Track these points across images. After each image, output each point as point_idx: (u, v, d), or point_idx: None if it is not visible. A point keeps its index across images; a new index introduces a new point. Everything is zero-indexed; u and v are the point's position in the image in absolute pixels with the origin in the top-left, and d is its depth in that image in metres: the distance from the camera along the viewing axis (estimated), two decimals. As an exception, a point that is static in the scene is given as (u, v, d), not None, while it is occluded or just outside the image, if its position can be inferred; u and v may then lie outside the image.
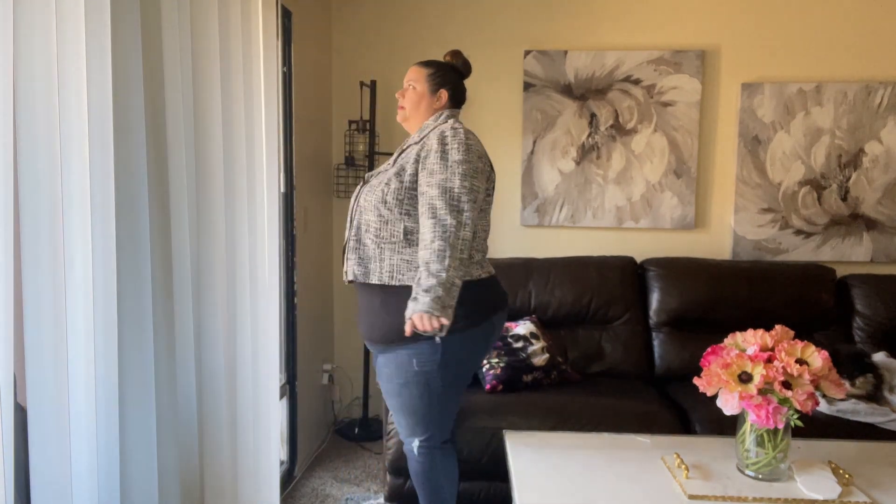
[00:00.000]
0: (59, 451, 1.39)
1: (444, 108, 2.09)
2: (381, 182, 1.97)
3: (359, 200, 2.03)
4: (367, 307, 2.00)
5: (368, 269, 1.97)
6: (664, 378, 3.03)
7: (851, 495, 1.63)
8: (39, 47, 1.33)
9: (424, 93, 2.07)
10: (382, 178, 1.98)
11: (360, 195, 2.03)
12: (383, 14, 3.44)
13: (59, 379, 1.38)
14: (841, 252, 3.34)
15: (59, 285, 1.38)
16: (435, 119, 2.06)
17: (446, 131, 1.93)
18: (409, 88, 2.09)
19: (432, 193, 1.85)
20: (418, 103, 2.08)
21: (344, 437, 3.43)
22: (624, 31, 3.34)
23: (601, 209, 3.40)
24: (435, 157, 1.88)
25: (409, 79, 2.10)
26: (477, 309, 1.95)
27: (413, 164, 1.93)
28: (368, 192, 1.99)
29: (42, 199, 1.34)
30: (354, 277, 2.00)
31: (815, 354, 1.66)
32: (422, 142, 1.96)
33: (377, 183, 1.99)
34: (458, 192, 1.84)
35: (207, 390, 1.97)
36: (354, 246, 2.00)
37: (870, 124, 3.27)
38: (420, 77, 2.08)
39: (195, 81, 1.87)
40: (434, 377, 1.94)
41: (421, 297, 1.75)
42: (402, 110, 2.10)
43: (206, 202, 1.95)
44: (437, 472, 2.08)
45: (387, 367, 2.00)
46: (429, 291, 1.74)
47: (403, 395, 1.98)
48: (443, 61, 2.14)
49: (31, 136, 1.32)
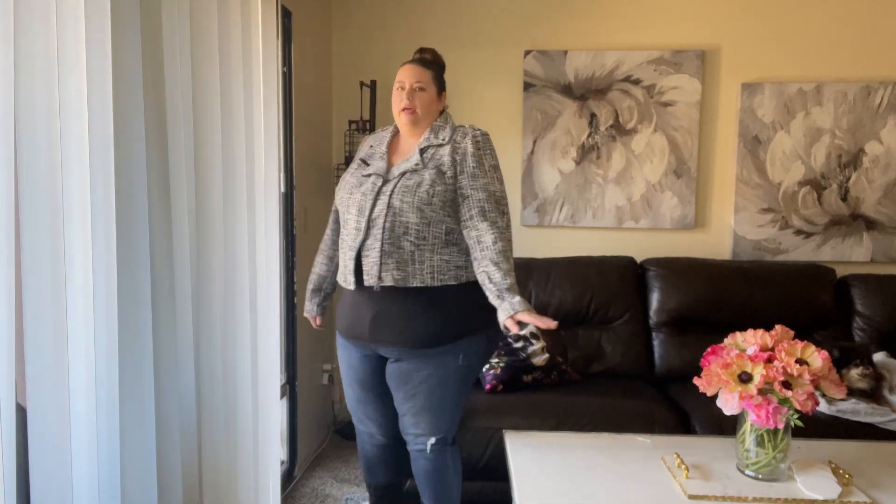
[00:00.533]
0: (59, 450, 1.39)
1: (444, 108, 2.12)
2: (419, 183, 1.92)
3: (390, 202, 1.92)
4: (401, 312, 1.95)
5: (407, 273, 1.91)
6: (664, 378, 3.03)
7: (851, 495, 1.63)
8: (40, 47, 1.33)
9: (434, 95, 2.05)
10: (417, 179, 1.93)
11: (393, 196, 1.93)
12: (383, 14, 3.44)
13: (59, 378, 1.38)
14: (841, 252, 3.34)
15: (59, 285, 1.38)
16: (444, 119, 2.07)
17: (477, 136, 2.00)
18: (417, 90, 2.01)
19: (479, 196, 1.94)
20: (430, 105, 2.04)
21: (344, 437, 3.43)
22: (624, 31, 3.34)
23: (601, 209, 3.40)
24: (473, 160, 1.96)
25: (416, 80, 2.01)
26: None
27: (451, 167, 1.96)
28: (405, 193, 1.92)
29: (42, 200, 1.34)
30: (394, 283, 1.91)
31: (815, 354, 1.66)
32: (451, 144, 1.99)
33: (413, 184, 1.92)
34: (499, 195, 1.97)
35: (207, 390, 1.97)
36: (389, 250, 1.91)
37: (870, 124, 3.27)
38: (428, 79, 2.03)
39: (195, 81, 1.87)
40: (474, 372, 2.05)
41: (508, 297, 1.83)
42: (413, 113, 2.01)
43: (205, 202, 1.95)
44: (449, 469, 2.10)
45: (422, 370, 1.98)
46: (511, 290, 1.83)
47: (436, 393, 2.00)
48: (434, 60, 2.11)
49: (32, 137, 1.32)
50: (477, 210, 1.93)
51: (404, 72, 2.04)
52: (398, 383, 2.04)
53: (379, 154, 2.08)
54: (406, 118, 2.02)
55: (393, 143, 2.11)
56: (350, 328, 2.06)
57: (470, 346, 2.00)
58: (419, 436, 2.07)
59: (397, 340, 1.97)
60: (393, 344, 1.98)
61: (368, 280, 1.93)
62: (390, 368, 2.05)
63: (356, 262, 1.95)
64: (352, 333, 2.07)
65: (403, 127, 2.06)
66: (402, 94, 2.02)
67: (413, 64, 2.05)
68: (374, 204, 1.94)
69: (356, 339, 2.07)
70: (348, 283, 1.99)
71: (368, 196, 1.96)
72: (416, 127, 2.04)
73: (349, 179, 2.07)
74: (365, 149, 2.14)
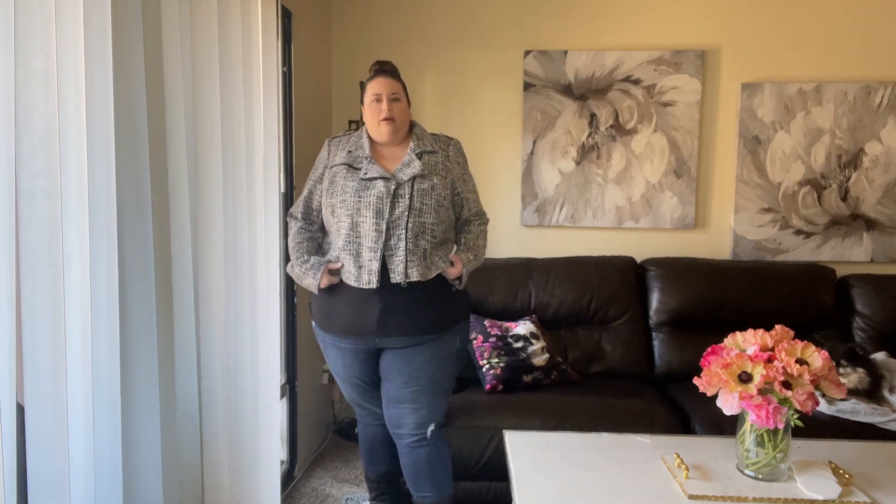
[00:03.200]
0: (57, 449, 1.39)
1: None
2: (432, 186, 2.09)
3: (412, 204, 2.05)
4: (409, 303, 2.08)
5: (427, 268, 2.08)
6: (664, 378, 3.03)
7: (851, 495, 1.63)
8: (40, 47, 1.33)
9: (406, 105, 2.18)
10: (430, 183, 2.09)
11: (413, 199, 2.05)
12: (383, 14, 3.44)
13: (58, 377, 1.38)
14: (841, 252, 3.34)
15: (58, 284, 1.38)
16: (418, 127, 2.22)
17: (458, 144, 2.27)
18: (393, 100, 2.12)
19: (472, 198, 2.25)
20: (405, 114, 2.17)
21: (344, 437, 3.43)
22: (624, 31, 3.34)
23: (601, 209, 3.40)
24: (460, 167, 2.23)
25: (392, 91, 2.13)
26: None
27: (446, 172, 2.17)
28: (424, 196, 2.07)
29: (42, 200, 1.34)
30: (420, 278, 2.05)
31: (815, 354, 1.66)
32: (439, 150, 2.19)
33: (428, 188, 2.08)
34: (477, 192, 2.30)
35: (208, 390, 1.97)
36: (413, 248, 2.05)
37: (870, 124, 3.27)
38: (400, 89, 2.16)
39: (195, 81, 1.87)
40: (463, 353, 2.26)
41: (469, 266, 2.19)
42: (393, 123, 2.11)
43: (206, 202, 1.95)
44: (446, 452, 2.26)
45: (420, 357, 2.13)
46: (467, 266, 2.18)
47: (437, 376, 2.16)
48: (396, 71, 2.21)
49: (32, 137, 1.32)
50: (474, 211, 2.25)
51: (379, 84, 2.13)
52: (400, 367, 2.13)
53: (366, 158, 2.12)
54: (387, 128, 2.12)
55: (373, 150, 2.16)
56: (349, 326, 2.12)
57: (463, 329, 2.25)
58: (421, 425, 2.16)
59: (407, 330, 2.10)
60: (401, 334, 2.10)
61: (395, 277, 2.04)
62: (391, 357, 2.15)
63: (381, 262, 2.04)
64: (352, 331, 2.12)
65: (383, 136, 2.14)
66: (379, 105, 2.12)
67: (385, 77, 2.15)
68: (392, 206, 2.04)
69: (357, 336, 2.13)
70: (370, 283, 2.04)
71: (385, 199, 2.04)
72: (396, 135, 2.15)
73: (347, 184, 2.08)
74: (342, 154, 2.17)
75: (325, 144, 2.25)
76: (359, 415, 2.41)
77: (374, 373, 2.23)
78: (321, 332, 2.22)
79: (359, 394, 2.31)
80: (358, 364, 2.21)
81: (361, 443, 2.46)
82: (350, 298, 2.09)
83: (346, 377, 2.26)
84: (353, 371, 2.23)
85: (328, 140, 2.26)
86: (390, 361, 2.15)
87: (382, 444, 2.38)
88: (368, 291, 2.05)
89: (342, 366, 2.23)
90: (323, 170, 2.19)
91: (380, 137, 2.15)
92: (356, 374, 2.23)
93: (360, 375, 2.24)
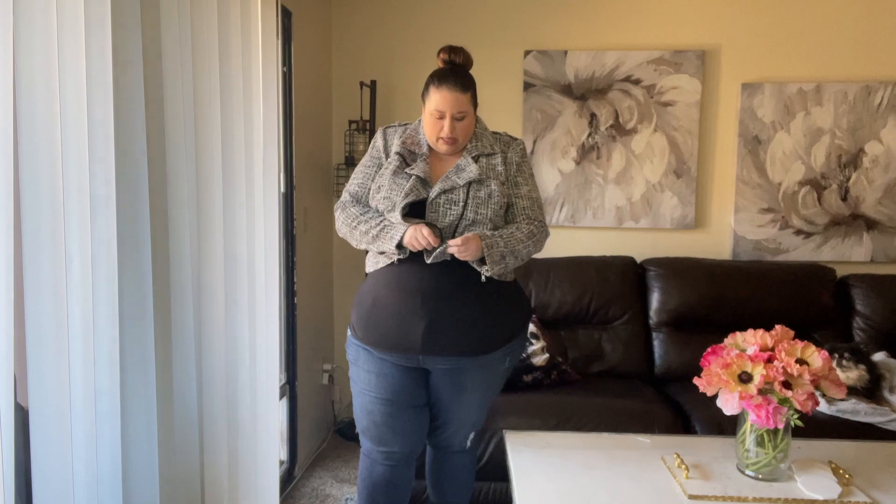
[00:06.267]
0: (61, 451, 1.39)
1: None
2: (489, 194, 1.87)
3: (464, 213, 1.85)
4: (458, 319, 1.87)
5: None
6: (664, 378, 3.03)
7: (851, 495, 1.63)
8: (40, 46, 1.33)
9: (473, 117, 1.93)
10: (487, 191, 1.88)
11: (467, 208, 1.85)
12: (383, 14, 3.44)
13: (61, 379, 1.38)
14: (841, 252, 3.34)
15: (60, 285, 1.38)
16: (480, 125, 1.99)
17: (521, 145, 2.02)
18: (456, 118, 1.86)
19: (524, 204, 1.97)
20: (469, 129, 1.92)
21: (344, 437, 3.43)
22: (624, 31, 3.34)
23: (601, 209, 3.40)
24: (520, 170, 1.99)
25: (459, 110, 1.85)
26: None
27: (504, 176, 1.95)
28: (479, 205, 1.86)
29: (43, 200, 1.34)
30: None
31: (815, 354, 1.66)
32: (500, 153, 1.97)
33: (485, 196, 1.87)
34: (540, 200, 2.03)
35: (207, 390, 1.97)
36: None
37: (870, 124, 3.27)
38: (467, 103, 1.88)
39: (195, 81, 1.87)
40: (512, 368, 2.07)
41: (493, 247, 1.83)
42: (454, 143, 1.88)
43: (206, 202, 1.95)
44: (475, 458, 2.22)
45: (476, 376, 1.95)
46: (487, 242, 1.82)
47: (487, 396, 2.04)
48: (467, 71, 1.94)
49: (32, 137, 1.32)
50: (525, 215, 1.96)
51: (444, 100, 1.85)
52: (454, 392, 1.97)
53: (420, 156, 1.94)
54: (445, 147, 1.90)
55: (430, 149, 1.98)
56: (390, 340, 1.90)
57: (514, 349, 2.01)
58: (464, 438, 2.11)
59: (454, 350, 1.88)
60: (449, 353, 1.89)
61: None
62: (443, 378, 1.95)
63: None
64: (393, 346, 1.90)
65: (440, 150, 1.94)
66: (440, 122, 1.87)
67: (453, 91, 1.85)
68: (444, 214, 1.86)
69: (401, 353, 1.90)
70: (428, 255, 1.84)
71: (431, 205, 1.86)
72: (456, 149, 1.94)
73: (396, 180, 1.89)
74: (396, 143, 1.96)
75: (381, 133, 2.02)
76: (366, 452, 2.06)
77: (413, 393, 1.97)
78: (364, 342, 1.97)
79: (385, 415, 1.97)
80: (399, 379, 1.95)
81: (363, 485, 2.08)
82: (393, 309, 1.89)
83: (375, 394, 1.98)
84: (392, 386, 1.95)
85: (382, 129, 2.03)
86: (442, 383, 1.97)
87: (387, 488, 2.05)
88: (416, 302, 1.85)
89: (380, 377, 1.96)
90: (380, 156, 1.99)
91: (436, 149, 1.95)
92: (394, 389, 1.95)
93: (397, 391, 1.95)
